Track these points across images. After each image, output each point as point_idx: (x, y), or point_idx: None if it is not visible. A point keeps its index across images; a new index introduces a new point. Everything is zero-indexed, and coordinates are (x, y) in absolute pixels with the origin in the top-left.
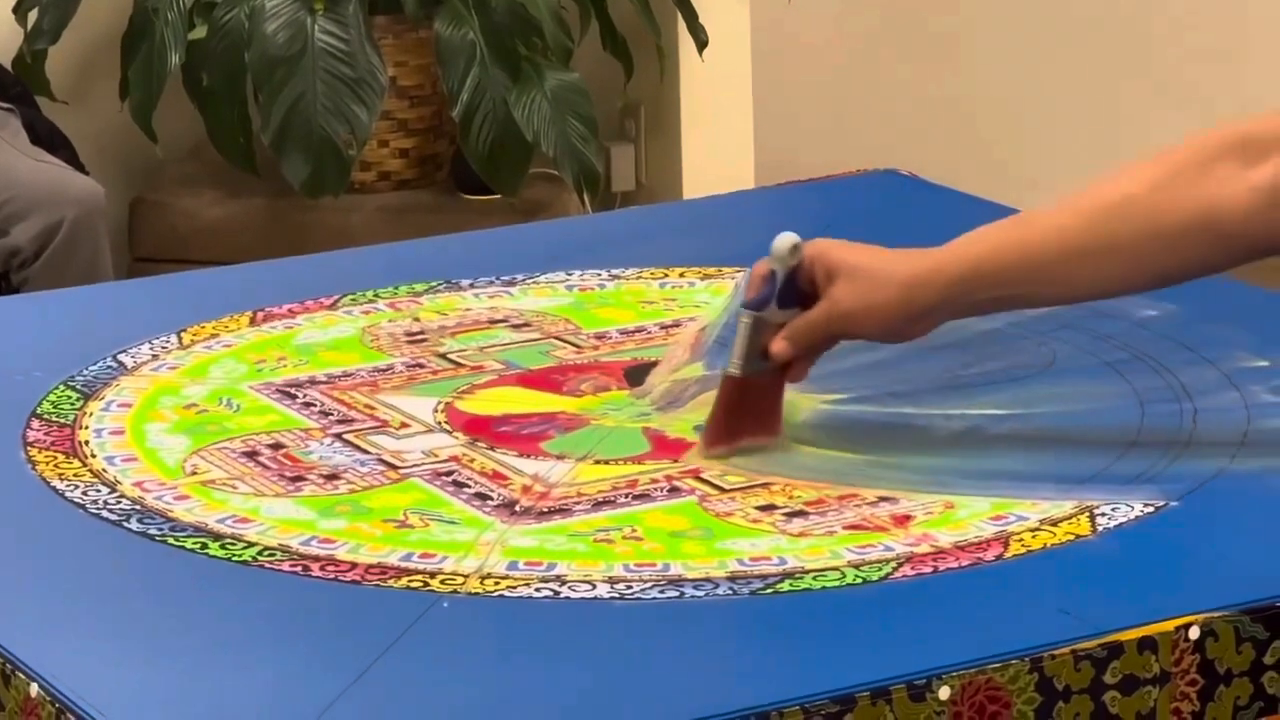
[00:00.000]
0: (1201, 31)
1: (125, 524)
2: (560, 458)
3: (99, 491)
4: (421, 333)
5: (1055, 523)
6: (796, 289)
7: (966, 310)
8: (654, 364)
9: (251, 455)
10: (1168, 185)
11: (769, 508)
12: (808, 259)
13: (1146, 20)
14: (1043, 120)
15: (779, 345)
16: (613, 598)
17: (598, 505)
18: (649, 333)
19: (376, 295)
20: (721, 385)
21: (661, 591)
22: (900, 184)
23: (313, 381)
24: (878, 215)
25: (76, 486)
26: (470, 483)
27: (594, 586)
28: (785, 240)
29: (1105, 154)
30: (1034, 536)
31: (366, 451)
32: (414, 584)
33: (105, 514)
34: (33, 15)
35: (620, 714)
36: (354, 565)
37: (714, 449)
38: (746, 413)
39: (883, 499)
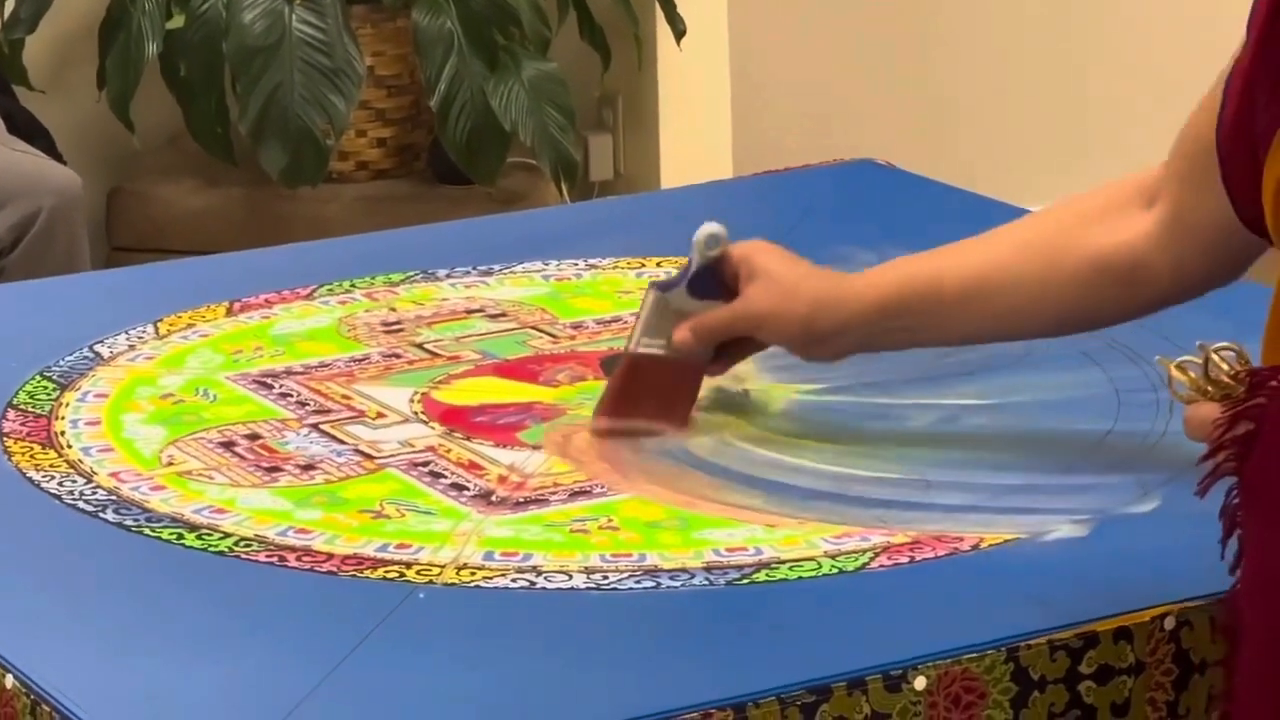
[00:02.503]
0: (1180, 23)
1: (101, 514)
2: (536, 448)
3: (75, 482)
4: (398, 323)
5: None
6: (718, 282)
7: (874, 341)
8: None
9: (228, 446)
10: (1073, 228)
11: None
12: (735, 257)
13: (1127, 12)
14: (1020, 110)
15: (681, 333)
16: (589, 588)
17: (574, 495)
18: (625, 323)
19: (353, 285)
20: (620, 361)
21: (638, 582)
22: (877, 174)
23: (289, 372)
24: (854, 205)
25: (52, 477)
26: (446, 473)
27: (570, 577)
28: (705, 230)
29: (1083, 145)
30: None
31: (343, 442)
32: (390, 574)
33: (81, 504)
34: (10, 4)
35: (596, 704)
36: (330, 556)
37: (600, 420)
38: (645, 393)
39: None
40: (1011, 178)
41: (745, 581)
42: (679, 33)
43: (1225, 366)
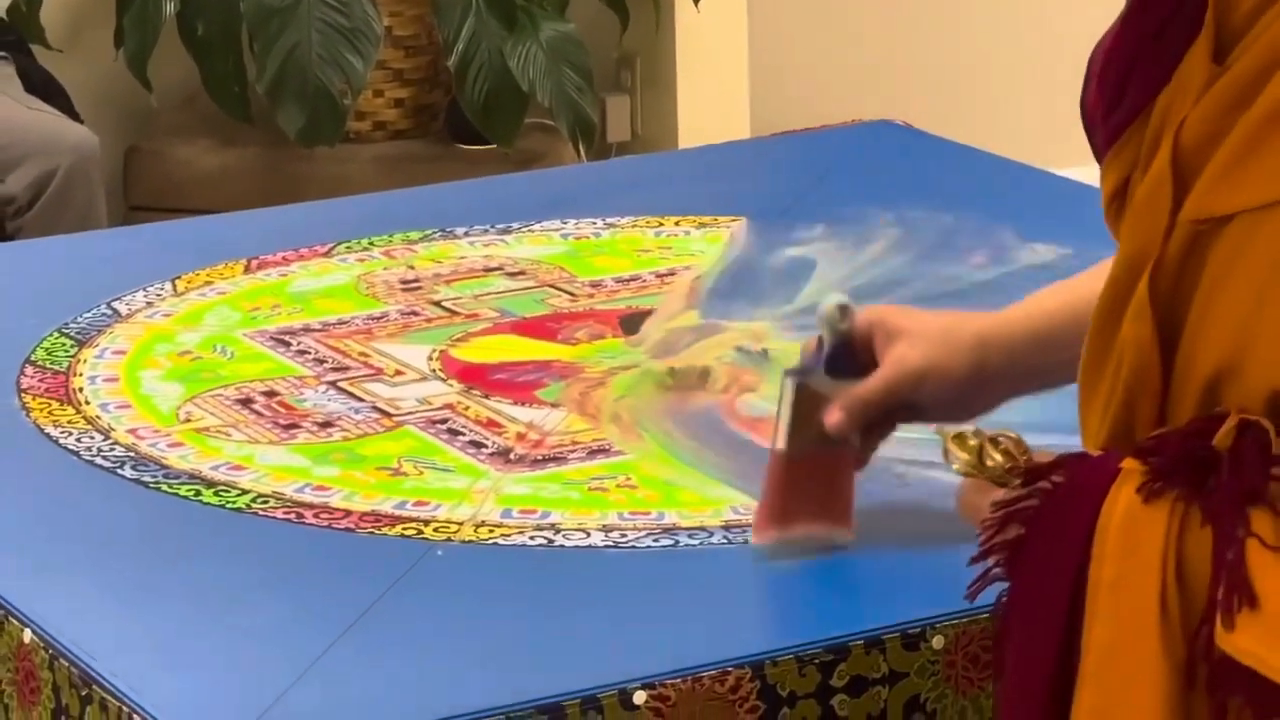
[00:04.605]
0: None
1: (119, 471)
2: (555, 406)
3: (93, 438)
4: (416, 280)
5: None
6: (853, 358)
7: (1032, 376)
8: (649, 312)
9: (246, 403)
10: None
11: None
12: (865, 324)
13: None
14: (1039, 71)
15: (834, 417)
16: (607, 546)
17: (592, 453)
18: (644, 281)
19: (371, 243)
20: (770, 462)
21: (656, 540)
22: (895, 134)
23: (307, 329)
24: (872, 165)
25: (70, 433)
26: (465, 430)
27: (588, 534)
28: (832, 301)
29: None
30: None
31: (361, 399)
32: (408, 531)
33: (99, 461)
34: None
35: (614, 662)
36: (348, 513)
37: (764, 532)
38: (803, 495)
39: None
40: (1029, 138)
41: None
42: None
43: (999, 458)
